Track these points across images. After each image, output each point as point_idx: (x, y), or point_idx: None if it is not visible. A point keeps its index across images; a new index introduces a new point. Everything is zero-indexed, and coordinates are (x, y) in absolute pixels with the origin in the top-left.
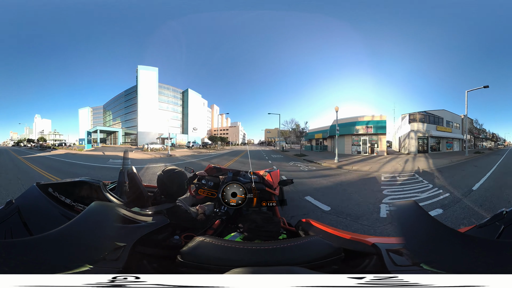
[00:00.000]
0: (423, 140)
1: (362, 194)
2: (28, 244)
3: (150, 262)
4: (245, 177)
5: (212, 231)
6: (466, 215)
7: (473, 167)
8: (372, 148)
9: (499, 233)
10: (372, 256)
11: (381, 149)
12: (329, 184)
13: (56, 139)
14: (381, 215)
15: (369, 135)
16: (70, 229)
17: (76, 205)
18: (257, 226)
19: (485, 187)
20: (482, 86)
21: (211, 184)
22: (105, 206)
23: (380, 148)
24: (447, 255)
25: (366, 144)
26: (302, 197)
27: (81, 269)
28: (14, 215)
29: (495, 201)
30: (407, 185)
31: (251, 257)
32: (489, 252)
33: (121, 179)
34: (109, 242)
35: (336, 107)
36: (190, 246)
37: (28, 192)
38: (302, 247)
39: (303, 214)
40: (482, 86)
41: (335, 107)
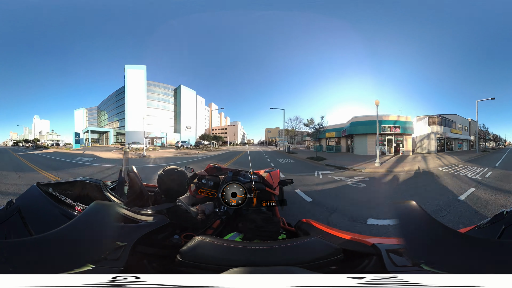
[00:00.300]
0: (440, 140)
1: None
2: (30, 244)
3: (150, 262)
4: (245, 177)
5: (212, 231)
6: (498, 173)
7: (488, 159)
8: (396, 148)
9: (499, 234)
10: (372, 256)
11: (407, 149)
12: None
13: (54, 140)
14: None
15: (395, 135)
16: (71, 228)
17: (77, 204)
18: (256, 226)
19: (500, 166)
20: (489, 98)
21: (211, 184)
22: (105, 206)
23: (405, 148)
24: (448, 256)
25: (391, 144)
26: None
27: (83, 268)
28: (15, 215)
29: (507, 169)
30: (465, 171)
31: (250, 257)
32: (490, 252)
33: (121, 178)
34: (110, 241)
35: (376, 100)
36: (189, 246)
37: (29, 192)
38: (301, 247)
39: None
40: (489, 98)
41: (376, 101)
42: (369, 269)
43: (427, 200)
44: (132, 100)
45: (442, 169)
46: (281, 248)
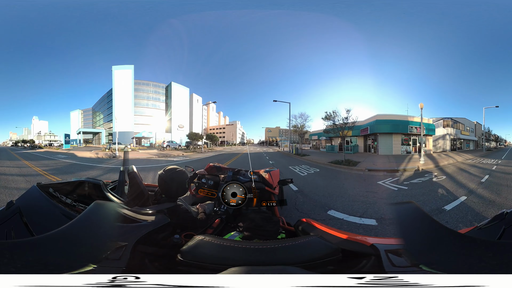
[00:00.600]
0: (453, 141)
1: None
2: (32, 244)
3: (151, 261)
4: (245, 176)
5: (212, 230)
6: (504, 162)
7: (495, 155)
8: (419, 147)
9: (500, 234)
10: (370, 256)
11: (428, 148)
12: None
13: (52, 140)
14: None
15: (418, 135)
16: (72, 228)
17: (77, 205)
18: (256, 225)
19: (505, 158)
20: (494, 106)
21: (211, 183)
22: (106, 206)
23: (427, 147)
24: (447, 256)
25: (416, 144)
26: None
27: (85, 268)
28: (15, 216)
29: (510, 159)
30: (484, 161)
31: (249, 257)
32: (490, 253)
33: (121, 178)
34: (110, 241)
35: (421, 104)
36: (189, 245)
37: (29, 192)
38: (300, 246)
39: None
40: (494, 106)
41: (420, 104)
42: (366, 269)
43: (479, 172)
44: (119, 101)
45: (469, 161)
46: (280, 248)
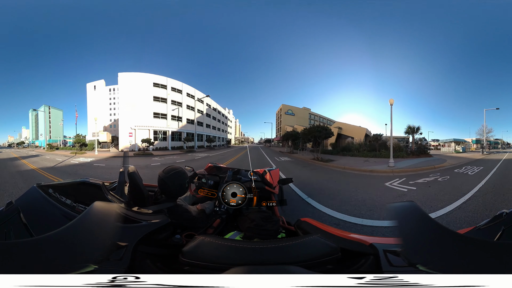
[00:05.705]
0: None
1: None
2: (31, 244)
3: (152, 261)
4: (245, 176)
5: (212, 230)
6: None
7: (498, 153)
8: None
9: (499, 235)
10: (369, 256)
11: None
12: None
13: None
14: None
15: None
16: (72, 229)
17: (77, 205)
18: (256, 225)
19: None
20: (495, 108)
21: (211, 183)
22: (106, 206)
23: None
24: (446, 257)
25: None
26: None
27: (87, 269)
28: (15, 216)
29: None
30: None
31: (250, 256)
32: (489, 253)
33: (121, 179)
34: (111, 242)
35: (391, 99)
36: (191, 245)
37: (28, 193)
38: (300, 246)
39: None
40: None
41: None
42: (364, 268)
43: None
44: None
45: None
46: (280, 247)
